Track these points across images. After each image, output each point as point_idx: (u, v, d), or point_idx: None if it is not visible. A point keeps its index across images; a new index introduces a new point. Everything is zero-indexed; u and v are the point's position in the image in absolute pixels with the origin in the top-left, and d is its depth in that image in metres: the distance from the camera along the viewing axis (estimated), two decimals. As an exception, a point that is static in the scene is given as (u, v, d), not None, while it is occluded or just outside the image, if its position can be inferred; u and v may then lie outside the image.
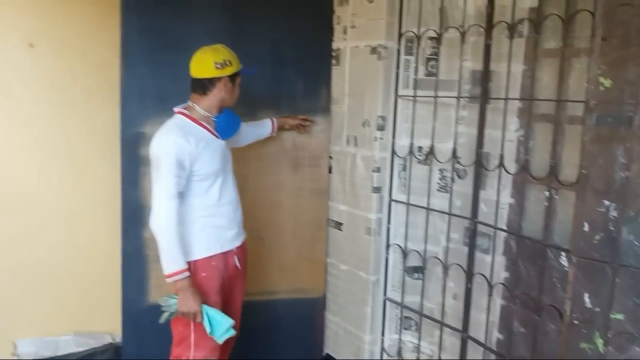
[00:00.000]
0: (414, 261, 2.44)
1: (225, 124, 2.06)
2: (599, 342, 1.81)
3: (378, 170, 2.45)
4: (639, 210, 1.72)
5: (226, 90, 2.01)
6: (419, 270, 2.42)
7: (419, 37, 2.25)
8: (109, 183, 2.60)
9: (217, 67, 1.96)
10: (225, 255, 2.09)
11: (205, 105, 2.01)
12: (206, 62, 1.97)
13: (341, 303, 2.73)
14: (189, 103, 2.03)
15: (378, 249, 2.51)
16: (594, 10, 1.61)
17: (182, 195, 1.94)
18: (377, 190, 2.46)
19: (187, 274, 1.92)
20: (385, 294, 2.53)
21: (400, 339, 2.52)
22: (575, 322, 1.85)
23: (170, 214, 1.88)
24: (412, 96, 2.32)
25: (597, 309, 1.83)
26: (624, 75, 1.68)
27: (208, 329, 1.95)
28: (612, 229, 1.76)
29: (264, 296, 2.71)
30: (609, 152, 1.75)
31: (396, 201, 2.45)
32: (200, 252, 2.02)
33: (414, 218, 2.39)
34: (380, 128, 2.41)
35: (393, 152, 2.42)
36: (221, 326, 1.97)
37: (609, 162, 1.75)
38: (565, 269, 1.84)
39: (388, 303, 2.54)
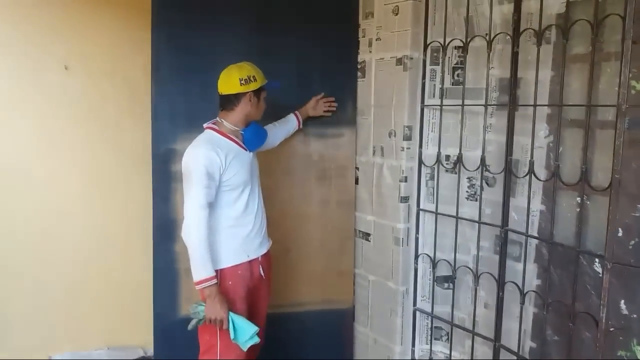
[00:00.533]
0: (443, 271, 2.43)
1: (252, 137, 2.15)
2: (637, 349, 1.79)
3: (405, 180, 2.46)
4: (675, 214, 1.70)
5: (252, 104, 2.11)
6: (449, 279, 2.41)
7: (444, 47, 2.27)
8: (141, 199, 2.66)
9: (242, 83, 2.07)
10: (250, 263, 2.16)
11: (232, 119, 2.11)
12: (232, 78, 2.07)
13: (370, 314, 2.72)
14: (218, 119, 2.13)
15: (407, 259, 2.51)
16: (624, 13, 1.61)
17: (211, 206, 2.01)
18: (404, 200, 2.47)
19: (215, 281, 1.99)
20: (415, 304, 2.52)
21: (431, 349, 2.50)
22: (612, 329, 1.82)
23: (200, 223, 1.96)
24: (439, 105, 2.33)
25: (634, 316, 1.81)
26: (655, 78, 1.68)
27: (232, 335, 2.00)
28: (647, 233, 1.75)
29: (293, 308, 2.72)
30: (642, 156, 1.74)
31: (424, 210, 2.46)
32: (227, 260, 2.09)
33: (443, 227, 2.39)
34: (407, 138, 2.42)
35: (420, 162, 2.43)
36: (245, 333, 2.01)
37: (642, 166, 1.74)
38: (599, 275, 1.82)
39: (418, 313, 2.53)
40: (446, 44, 2.26)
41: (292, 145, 2.62)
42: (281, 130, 2.49)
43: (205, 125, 2.12)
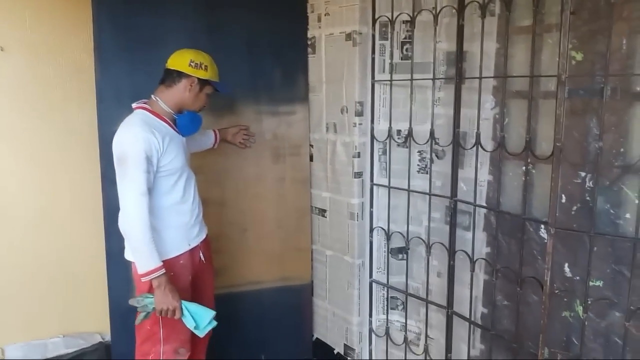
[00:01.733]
0: (397, 242, 2.48)
1: (187, 122, 2.05)
2: (580, 309, 1.87)
3: (358, 155, 2.47)
4: (614, 180, 1.78)
5: (190, 91, 2.00)
6: (403, 251, 2.46)
7: (392, 22, 2.27)
8: (90, 184, 2.59)
9: (191, 66, 1.98)
10: (191, 251, 2.10)
11: (167, 99, 2.00)
12: (183, 57, 1.99)
13: (328, 288, 2.76)
14: (152, 97, 2.02)
15: (362, 233, 2.54)
16: (562, -15, 1.65)
17: (150, 192, 1.90)
18: (358, 175, 2.49)
19: (163, 270, 1.89)
20: (371, 276, 2.57)
21: (387, 319, 2.57)
22: (556, 291, 1.91)
23: (142, 211, 1.84)
24: (389, 80, 2.35)
25: (577, 278, 1.89)
26: (594, 47, 1.73)
27: (192, 324, 1.93)
28: (588, 199, 1.83)
29: (252, 286, 2.73)
30: (582, 124, 1.80)
31: (378, 185, 2.49)
32: (170, 251, 2.00)
33: (396, 200, 2.43)
34: (359, 114, 2.43)
35: (372, 137, 2.45)
36: (203, 319, 1.96)
37: (582, 134, 1.81)
38: (545, 240, 1.89)
39: (374, 285, 2.58)
40: (394, 18, 2.27)
41: (244, 123, 2.59)
42: (197, 139, 2.38)
43: (134, 105, 2.00)
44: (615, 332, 1.83)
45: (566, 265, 1.92)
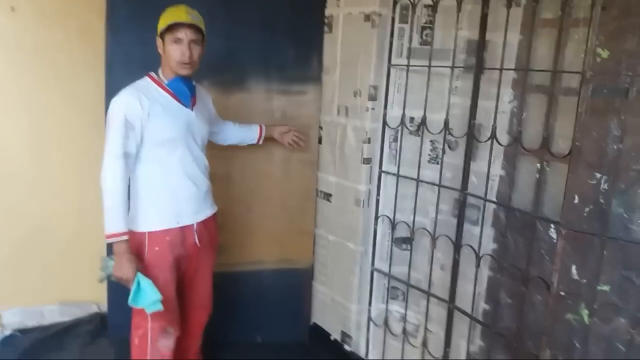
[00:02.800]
0: (402, 232, 2.44)
1: (174, 90, 1.98)
2: (585, 313, 1.84)
3: (369, 141, 2.42)
4: (630, 183, 1.72)
5: (161, 50, 1.95)
6: (407, 241, 2.42)
7: (414, 5, 2.20)
8: (94, 151, 2.52)
9: (157, 29, 1.94)
10: (182, 230, 2.02)
11: (161, 67, 1.99)
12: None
13: (329, 273, 2.73)
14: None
15: (367, 220, 2.51)
16: (595, -22, 1.58)
17: (129, 156, 1.88)
18: (367, 161, 2.44)
19: (125, 237, 1.86)
20: (373, 264, 2.53)
21: (387, 309, 2.54)
22: (562, 293, 1.87)
23: (115, 173, 1.85)
24: (406, 65, 2.28)
25: (584, 281, 1.85)
26: (622, 46, 1.66)
27: (130, 298, 1.88)
28: (602, 201, 1.77)
29: (252, 266, 2.71)
30: (603, 124, 1.74)
31: (386, 172, 2.44)
32: (154, 224, 1.97)
33: (404, 190, 2.38)
34: (372, 98, 2.38)
35: (384, 123, 2.39)
36: (146, 298, 1.88)
37: (602, 135, 1.74)
38: (554, 241, 1.85)
39: (375, 273, 2.54)
40: (416, 1, 2.19)
41: (254, 101, 2.54)
42: (237, 132, 2.35)
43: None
44: (619, 338, 1.79)
45: (574, 267, 1.87)
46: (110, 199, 1.85)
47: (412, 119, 2.33)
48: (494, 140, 2.00)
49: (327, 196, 2.68)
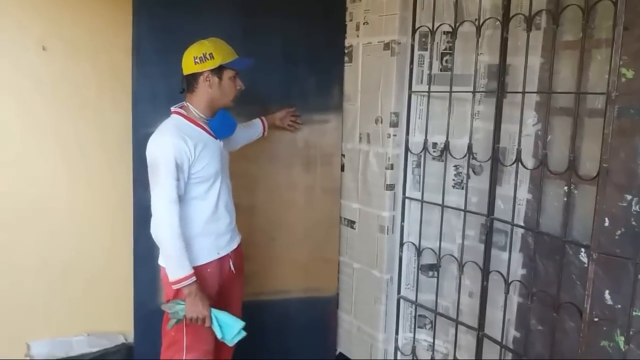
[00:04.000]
0: (428, 259, 2.41)
1: (218, 126, 1.98)
2: (620, 339, 1.78)
3: (391, 167, 2.42)
4: (662, 205, 1.69)
5: (210, 85, 1.92)
6: (434, 268, 2.39)
7: (433, 32, 2.22)
8: (122, 185, 2.59)
9: (196, 62, 1.89)
10: (220, 260, 2.04)
11: (196, 103, 1.95)
12: (188, 57, 1.92)
13: (354, 302, 2.70)
14: (185, 103, 1.98)
15: (392, 247, 2.48)
16: (615, -1, 1.58)
17: (180, 200, 1.87)
18: (390, 187, 2.44)
19: (194, 279, 1.86)
20: (399, 292, 2.50)
21: (414, 338, 2.49)
22: (596, 319, 1.81)
23: (173, 219, 1.82)
24: (427, 91, 2.29)
25: (619, 306, 1.80)
26: (646, 65, 1.65)
27: (219, 334, 1.91)
28: (634, 224, 1.74)
29: (277, 295, 2.69)
30: (631, 144, 1.72)
31: (410, 198, 2.42)
32: (197, 259, 1.95)
33: (429, 215, 2.36)
34: (394, 124, 2.38)
35: (407, 149, 2.39)
36: (232, 329, 1.93)
37: (630, 155, 1.72)
38: (585, 265, 1.81)
39: (402, 301, 2.51)
40: (435, 28, 2.22)
41: (277, 131, 2.57)
42: (245, 133, 2.34)
43: (172, 108, 1.97)
44: (658, 365, 1.73)
45: (607, 292, 1.82)
46: (173, 246, 1.83)
47: (434, 144, 2.33)
48: (519, 164, 1.98)
49: (351, 223, 2.67)
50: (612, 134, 1.63)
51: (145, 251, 2.45)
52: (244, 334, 1.95)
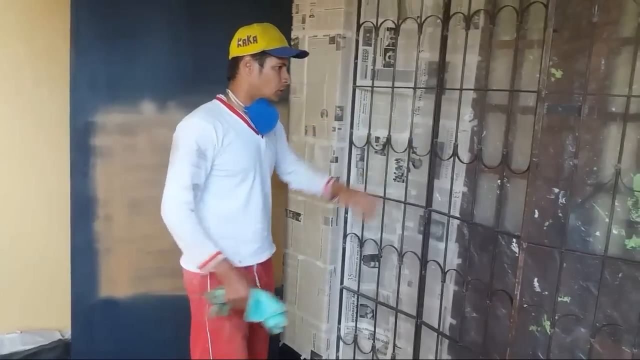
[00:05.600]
0: (370, 250, 2.47)
1: (256, 116, 1.75)
2: (547, 324, 1.89)
3: (336, 160, 2.46)
4: (586, 198, 1.80)
5: (251, 72, 1.70)
6: (375, 258, 2.45)
7: (377, 28, 2.27)
8: (58, 175, 2.50)
9: (239, 44, 1.71)
10: (245, 270, 1.76)
11: (235, 90, 1.75)
12: (234, 39, 1.74)
13: (298, 293, 2.73)
14: (227, 89, 1.78)
15: (335, 239, 2.53)
16: (546, 2, 1.66)
17: (198, 189, 1.65)
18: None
19: (222, 256, 1.61)
20: (342, 282, 2.55)
21: (356, 327, 2.55)
22: (525, 305, 1.92)
23: (182, 206, 1.60)
24: (370, 86, 2.34)
25: (546, 293, 1.91)
26: (574, 66, 1.75)
27: (246, 313, 1.63)
28: (560, 215, 1.84)
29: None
30: (559, 141, 1.82)
31: (353, 191, 2.47)
32: None
33: (371, 207, 2.42)
34: (339, 118, 2.42)
35: (351, 143, 2.43)
36: (266, 310, 1.63)
37: (558, 151, 1.83)
38: (516, 254, 1.90)
39: (345, 291, 2.56)
40: (378, 24, 2.26)
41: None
42: (308, 178, 2.03)
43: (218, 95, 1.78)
44: (580, 348, 1.84)
45: (536, 280, 1.93)
46: (184, 230, 1.62)
47: (377, 138, 2.38)
48: (456, 158, 2.06)
49: (297, 216, 2.69)
50: (541, 131, 1.72)
51: (83, 243, 2.39)
52: (283, 320, 1.67)
